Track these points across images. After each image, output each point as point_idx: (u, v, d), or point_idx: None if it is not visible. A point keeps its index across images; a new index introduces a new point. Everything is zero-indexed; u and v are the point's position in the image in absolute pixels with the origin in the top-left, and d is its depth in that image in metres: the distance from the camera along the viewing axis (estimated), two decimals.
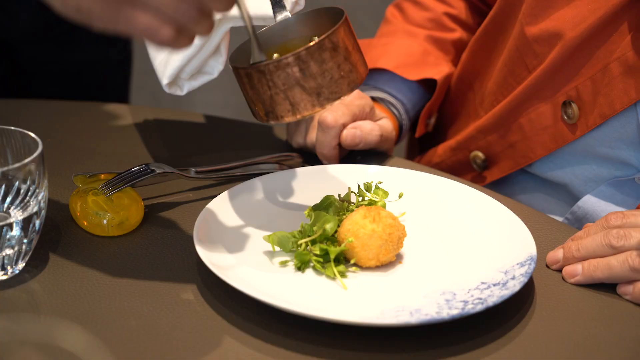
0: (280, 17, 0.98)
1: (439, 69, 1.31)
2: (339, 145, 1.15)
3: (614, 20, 1.09)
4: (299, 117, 0.91)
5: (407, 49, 1.31)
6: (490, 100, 1.25)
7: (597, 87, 1.10)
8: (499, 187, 1.27)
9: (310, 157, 1.18)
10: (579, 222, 1.17)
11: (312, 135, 1.17)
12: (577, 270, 0.95)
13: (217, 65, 1.04)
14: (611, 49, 1.09)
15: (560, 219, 1.20)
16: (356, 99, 1.17)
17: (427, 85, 1.33)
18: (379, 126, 1.18)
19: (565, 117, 1.14)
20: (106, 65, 1.62)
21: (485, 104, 1.27)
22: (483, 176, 1.27)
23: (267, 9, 0.98)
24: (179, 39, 0.78)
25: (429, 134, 1.39)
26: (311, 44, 0.89)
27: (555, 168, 1.19)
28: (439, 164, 1.32)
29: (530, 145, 1.19)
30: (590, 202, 1.16)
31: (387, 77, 1.30)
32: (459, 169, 1.29)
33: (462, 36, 1.36)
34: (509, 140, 1.21)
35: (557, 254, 0.98)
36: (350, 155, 1.20)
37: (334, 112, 1.13)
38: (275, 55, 0.98)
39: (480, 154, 1.26)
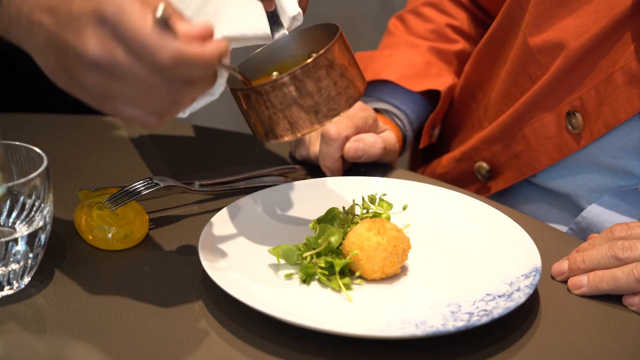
0: (278, 35, 0.98)
1: (442, 80, 1.31)
2: (342, 157, 1.16)
3: (617, 30, 1.09)
4: (298, 135, 0.92)
5: (410, 60, 1.32)
6: (494, 110, 1.26)
7: (601, 97, 1.11)
8: (503, 198, 1.27)
9: (313, 169, 1.18)
10: (583, 232, 1.17)
11: (316, 148, 1.17)
12: (582, 282, 0.95)
13: (219, 87, 1.05)
14: (615, 58, 1.09)
15: (564, 229, 1.20)
16: (359, 111, 1.17)
17: (430, 96, 1.33)
18: (382, 139, 1.18)
19: (570, 127, 1.14)
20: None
21: (489, 115, 1.27)
22: (487, 187, 1.27)
23: (265, 28, 0.99)
24: (164, 119, 0.83)
25: (432, 145, 1.39)
26: (306, 62, 0.90)
27: (558, 178, 1.19)
28: (443, 174, 1.32)
29: (535, 155, 1.19)
30: (594, 212, 1.16)
31: (390, 88, 1.30)
32: (463, 179, 1.29)
33: (464, 47, 1.36)
34: (514, 150, 1.22)
35: (562, 265, 0.98)
36: (354, 167, 1.20)
37: (337, 125, 1.13)
38: (275, 73, 0.99)
39: (484, 165, 1.26)
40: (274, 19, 0.98)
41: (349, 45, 0.94)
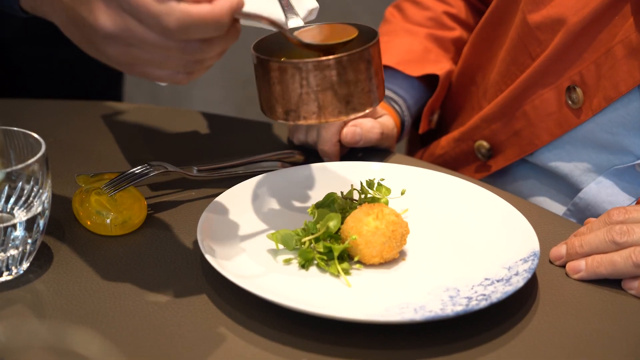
0: (293, 22, 0.97)
1: (440, 65, 1.31)
2: (340, 142, 1.16)
3: (616, 3, 1.09)
4: (322, 121, 0.91)
5: (408, 46, 1.32)
6: (493, 90, 1.26)
7: (601, 71, 1.11)
8: (501, 180, 1.27)
9: (311, 154, 1.18)
10: (581, 213, 1.17)
11: (314, 133, 1.17)
12: (580, 266, 0.96)
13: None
14: (614, 32, 1.09)
15: (562, 210, 1.20)
16: None
17: (428, 82, 1.33)
18: (380, 124, 1.18)
19: (570, 102, 1.14)
20: (100, 62, 1.62)
21: (489, 96, 1.27)
22: (488, 165, 1.27)
23: (279, 14, 0.98)
24: (194, 75, 0.85)
25: (431, 130, 1.39)
26: (353, 51, 0.90)
27: (555, 158, 1.19)
28: (443, 155, 1.32)
29: (535, 131, 1.19)
30: (591, 192, 1.16)
31: (389, 73, 1.30)
32: (463, 159, 1.29)
33: (461, 35, 1.36)
34: (514, 127, 1.22)
35: (560, 249, 0.98)
36: (352, 152, 1.20)
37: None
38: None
39: (485, 143, 1.26)
40: (289, 8, 0.98)
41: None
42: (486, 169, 1.27)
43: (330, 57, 0.89)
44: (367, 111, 0.93)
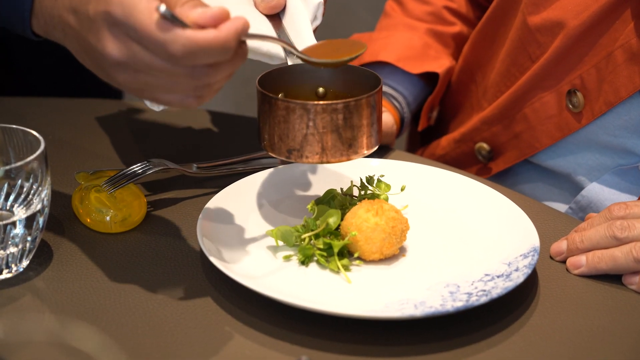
0: (292, 60, 0.98)
1: (440, 62, 1.31)
2: None
3: (616, 7, 1.09)
4: (324, 161, 0.93)
5: (408, 42, 1.31)
6: (493, 91, 1.25)
7: (601, 75, 1.11)
8: (503, 179, 1.27)
9: None
10: (583, 211, 1.17)
11: None
12: (581, 262, 0.95)
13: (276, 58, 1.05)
14: (614, 36, 1.09)
15: (564, 208, 1.20)
16: None
17: (428, 78, 1.33)
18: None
19: (570, 106, 1.14)
20: None
21: (489, 95, 1.27)
22: (488, 167, 1.27)
23: (279, 49, 0.97)
24: (204, 99, 0.85)
25: (430, 127, 1.39)
26: (361, 97, 0.92)
27: (558, 157, 1.19)
28: (443, 156, 1.32)
29: (536, 135, 1.19)
30: (594, 190, 1.16)
31: (388, 70, 1.30)
32: (463, 160, 1.29)
33: (462, 30, 1.36)
34: (514, 130, 1.21)
35: (560, 245, 0.98)
36: None
37: None
38: (321, 89, 1.00)
39: (485, 145, 1.26)
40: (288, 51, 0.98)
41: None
42: (486, 171, 1.27)
43: (339, 101, 0.91)
44: (366, 154, 0.95)
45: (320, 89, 1.00)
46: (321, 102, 0.91)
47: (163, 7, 0.78)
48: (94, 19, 0.82)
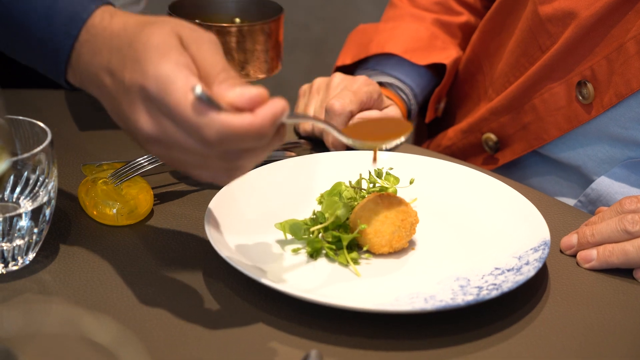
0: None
1: (447, 53, 1.30)
2: None
3: None
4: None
5: (415, 33, 1.31)
6: (501, 82, 1.24)
7: (612, 67, 1.10)
8: (511, 171, 1.26)
9: (318, 144, 1.17)
10: (592, 204, 1.16)
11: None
12: (592, 256, 0.95)
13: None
14: (626, 27, 1.08)
15: (573, 202, 1.19)
16: (363, 85, 1.16)
17: (435, 69, 1.32)
18: (386, 114, 1.17)
19: (580, 98, 1.13)
20: None
21: (497, 86, 1.26)
22: (495, 158, 1.26)
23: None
24: (235, 178, 0.84)
25: (437, 118, 1.38)
26: (256, 23, 1.03)
27: (567, 150, 1.18)
28: (450, 146, 1.31)
29: (544, 126, 1.18)
30: (604, 183, 1.15)
31: (395, 61, 1.29)
32: (470, 151, 1.28)
33: (469, 19, 1.35)
34: (522, 121, 1.21)
35: (571, 239, 0.97)
36: None
37: (341, 99, 1.12)
38: (237, 19, 1.11)
39: (492, 136, 1.25)
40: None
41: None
42: (493, 162, 1.27)
43: (233, 25, 1.01)
44: (261, 77, 1.03)
45: (237, 19, 1.09)
46: (216, 24, 0.97)
47: (199, 89, 0.76)
48: (130, 88, 0.79)
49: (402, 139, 0.90)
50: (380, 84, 1.27)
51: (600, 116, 1.13)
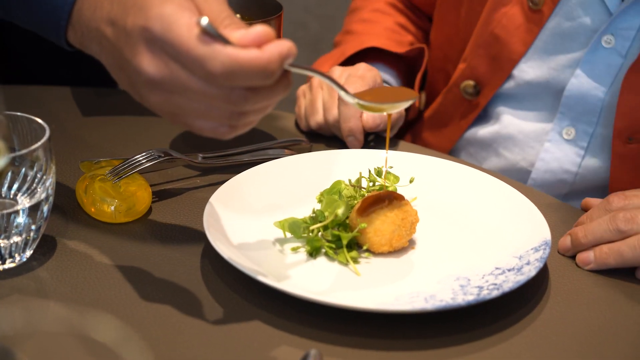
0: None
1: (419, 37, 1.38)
2: None
3: None
4: None
5: (386, 25, 1.37)
6: (464, 44, 1.30)
7: None
8: (491, 123, 1.29)
9: (318, 142, 1.17)
10: (573, 110, 1.20)
11: (334, 112, 1.15)
12: (589, 258, 0.95)
13: None
14: None
15: (553, 118, 1.22)
16: (367, 70, 1.17)
17: (411, 59, 1.35)
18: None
19: (531, 4, 1.19)
20: None
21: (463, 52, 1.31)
22: (476, 103, 1.29)
23: None
24: (238, 130, 0.82)
25: (418, 118, 1.40)
26: (256, 21, 1.03)
27: (535, 67, 1.22)
28: (432, 116, 1.35)
29: (511, 47, 1.23)
30: (574, 87, 1.19)
31: (375, 55, 1.31)
32: (451, 109, 1.32)
33: (416, 38, 1.41)
34: (490, 54, 1.25)
35: (566, 241, 0.97)
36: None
37: (352, 85, 1.12)
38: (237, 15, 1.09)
39: (469, 82, 1.28)
40: None
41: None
42: (475, 108, 1.29)
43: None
44: None
45: (237, 15, 1.07)
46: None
47: (205, 20, 0.75)
48: (131, 33, 0.78)
49: (409, 102, 0.89)
50: None
51: (553, 15, 1.18)
